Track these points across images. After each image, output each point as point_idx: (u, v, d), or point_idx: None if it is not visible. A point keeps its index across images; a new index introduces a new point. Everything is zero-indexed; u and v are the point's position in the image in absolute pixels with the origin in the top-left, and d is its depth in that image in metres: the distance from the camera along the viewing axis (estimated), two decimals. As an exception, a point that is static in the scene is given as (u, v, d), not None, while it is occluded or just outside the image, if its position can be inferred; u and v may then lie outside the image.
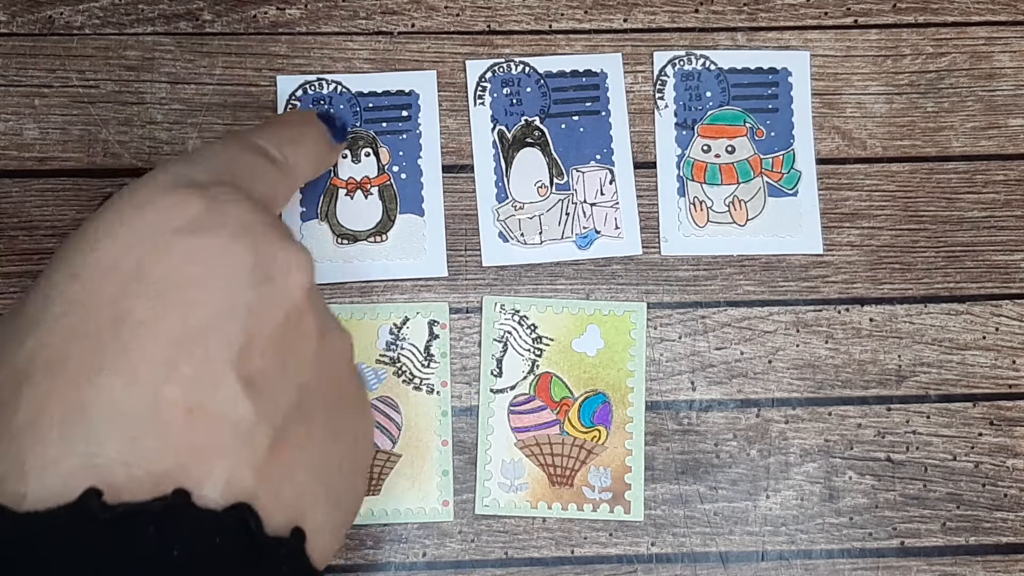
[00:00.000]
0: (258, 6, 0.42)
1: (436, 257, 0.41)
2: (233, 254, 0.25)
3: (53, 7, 0.42)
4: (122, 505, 0.21)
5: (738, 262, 0.42)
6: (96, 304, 0.23)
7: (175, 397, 0.23)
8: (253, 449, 0.24)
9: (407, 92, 0.42)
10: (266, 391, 0.24)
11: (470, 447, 0.41)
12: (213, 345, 0.24)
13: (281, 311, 0.25)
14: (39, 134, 0.42)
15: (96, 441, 0.22)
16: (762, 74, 0.43)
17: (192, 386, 0.23)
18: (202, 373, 0.23)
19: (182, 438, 0.23)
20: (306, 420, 0.26)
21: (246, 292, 0.25)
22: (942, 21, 0.44)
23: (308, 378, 0.26)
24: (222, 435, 0.23)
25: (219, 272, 0.25)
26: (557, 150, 0.42)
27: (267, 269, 0.25)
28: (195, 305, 0.24)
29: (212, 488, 0.22)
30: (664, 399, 0.41)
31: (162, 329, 0.23)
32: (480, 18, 0.43)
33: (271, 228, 0.27)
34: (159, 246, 0.24)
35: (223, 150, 0.30)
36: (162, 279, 0.24)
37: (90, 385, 0.22)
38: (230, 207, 0.26)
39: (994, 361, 0.42)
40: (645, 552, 0.41)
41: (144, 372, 0.23)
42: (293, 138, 0.34)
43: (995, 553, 0.41)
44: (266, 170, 0.31)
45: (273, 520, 0.24)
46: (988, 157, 0.43)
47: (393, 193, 0.42)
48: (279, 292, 0.26)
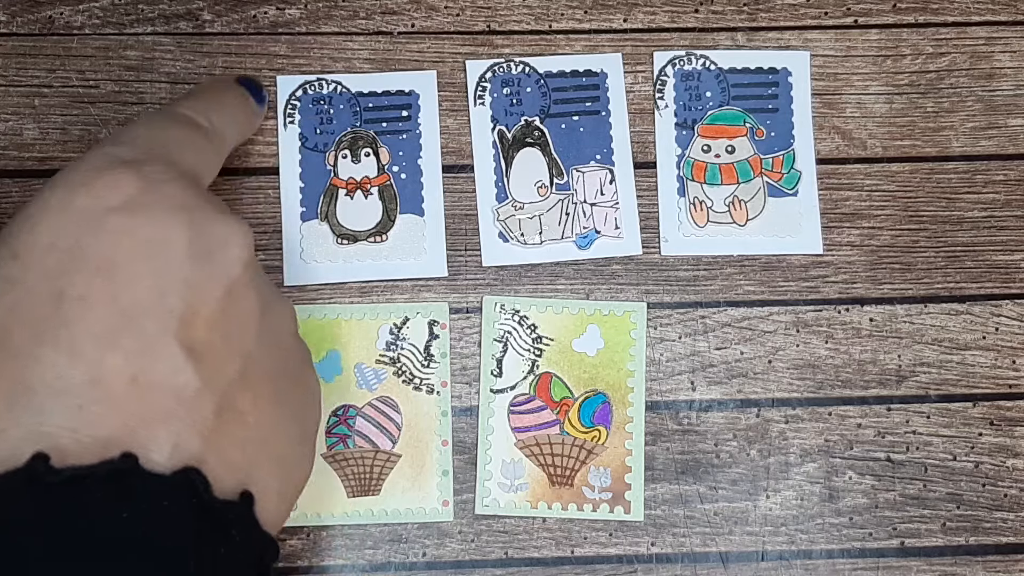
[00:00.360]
0: (258, 6, 0.42)
1: (436, 257, 0.41)
2: (170, 231, 0.25)
3: (53, 7, 0.42)
4: (69, 468, 0.21)
5: (738, 262, 0.42)
6: (36, 281, 0.24)
7: (118, 366, 0.23)
8: (198, 415, 0.24)
9: (407, 92, 0.42)
10: (209, 359, 0.25)
11: (470, 447, 0.41)
12: (154, 317, 0.24)
13: (221, 285, 0.26)
14: (39, 134, 0.42)
15: (41, 411, 0.22)
16: (762, 74, 0.43)
17: (134, 356, 0.23)
18: (144, 344, 0.24)
19: (127, 405, 0.23)
20: (251, 388, 0.26)
21: (185, 266, 0.25)
22: (942, 21, 0.44)
23: (251, 348, 0.27)
24: (167, 401, 0.24)
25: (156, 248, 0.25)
26: (557, 150, 0.42)
27: (205, 244, 0.26)
28: (134, 280, 0.24)
29: (159, 453, 0.23)
30: (664, 399, 0.41)
31: (102, 303, 0.24)
32: (480, 18, 0.43)
33: (206, 203, 0.27)
34: (95, 225, 0.25)
35: (151, 125, 0.31)
36: (100, 256, 0.24)
37: (32, 358, 0.23)
38: (165, 186, 0.26)
39: (994, 361, 0.42)
40: (645, 552, 0.41)
41: (86, 344, 0.23)
42: (217, 104, 0.34)
43: (995, 553, 0.41)
44: (194, 139, 0.31)
45: (221, 484, 0.24)
46: (988, 157, 0.43)
47: (393, 193, 0.42)
48: (218, 266, 0.26)
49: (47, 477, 0.21)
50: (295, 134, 0.42)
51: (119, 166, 0.26)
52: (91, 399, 0.23)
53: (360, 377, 0.41)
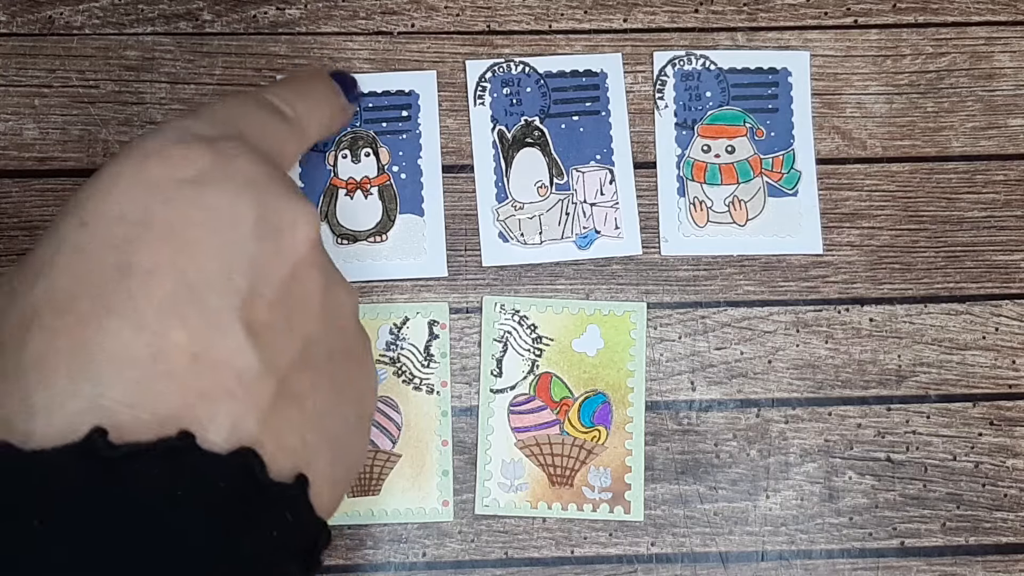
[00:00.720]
0: (258, 6, 0.43)
1: (436, 257, 0.41)
2: (239, 207, 0.25)
3: (53, 7, 0.42)
4: (127, 445, 0.21)
5: (738, 262, 0.42)
6: (104, 251, 0.24)
7: (181, 342, 0.23)
8: (257, 396, 0.24)
9: (407, 92, 0.42)
10: (271, 341, 0.25)
11: (470, 447, 0.41)
12: (218, 294, 0.24)
13: (286, 265, 0.26)
14: (39, 134, 0.42)
15: (102, 382, 0.22)
16: (762, 74, 0.43)
17: (198, 333, 0.23)
18: (207, 321, 0.24)
19: (187, 383, 0.23)
20: (310, 371, 0.26)
21: (251, 244, 0.25)
22: (942, 21, 0.44)
23: (313, 331, 0.27)
24: (227, 381, 0.23)
25: (224, 224, 0.25)
26: (557, 150, 0.42)
27: (273, 223, 0.26)
28: (201, 255, 0.24)
29: (216, 433, 0.23)
30: (664, 399, 0.41)
31: (168, 277, 0.24)
32: (480, 18, 0.43)
33: (277, 182, 0.27)
34: (166, 196, 0.25)
35: (232, 105, 0.30)
36: (168, 228, 0.24)
37: (98, 328, 0.23)
38: (237, 161, 0.26)
39: (994, 361, 0.42)
40: (645, 552, 0.41)
41: (150, 318, 0.23)
42: (304, 94, 0.34)
43: (995, 553, 0.41)
44: (276, 125, 0.31)
45: (277, 466, 0.24)
46: (988, 157, 0.43)
47: (393, 193, 0.42)
48: (285, 246, 0.26)
49: (105, 452, 0.21)
50: (295, 134, 0.41)
51: (193, 139, 0.26)
52: (152, 374, 0.22)
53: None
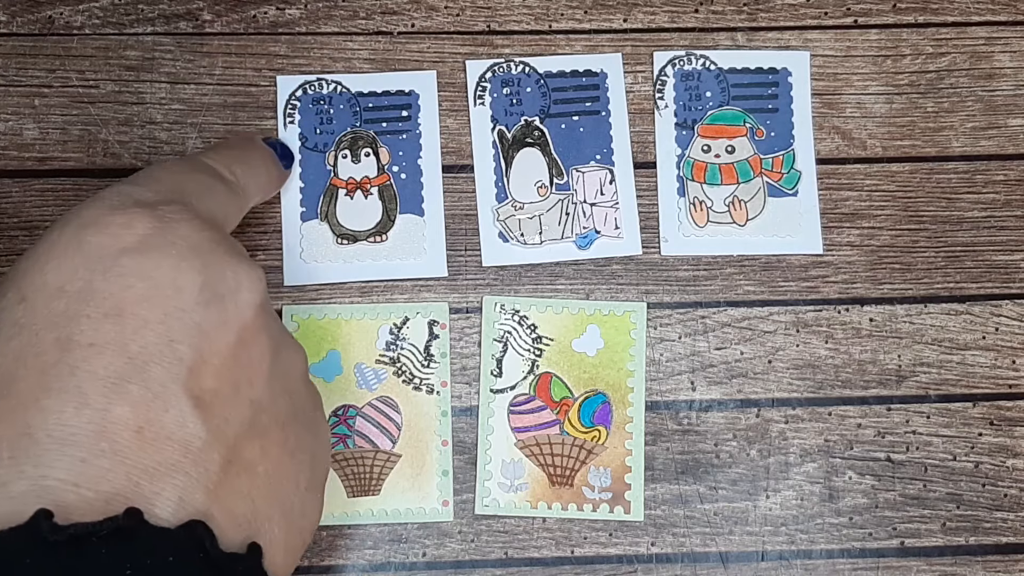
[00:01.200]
0: (258, 6, 0.43)
1: (436, 257, 0.41)
2: (182, 274, 0.25)
3: (53, 7, 0.42)
4: (73, 526, 0.21)
5: (738, 262, 0.42)
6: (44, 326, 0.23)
7: (124, 417, 0.23)
8: (205, 467, 0.23)
9: (407, 92, 0.42)
10: (217, 409, 0.24)
11: (470, 447, 0.41)
12: (162, 365, 0.24)
13: (232, 331, 0.25)
14: (39, 134, 0.42)
15: (45, 463, 0.22)
16: (762, 74, 0.43)
17: (141, 406, 0.23)
18: (151, 393, 0.23)
19: (132, 458, 0.22)
20: (260, 437, 0.26)
21: (195, 312, 0.25)
22: (942, 21, 0.44)
23: (261, 396, 0.26)
24: (172, 454, 0.23)
25: (168, 292, 0.25)
26: (557, 150, 0.42)
27: (216, 288, 0.25)
28: (143, 326, 0.24)
29: (164, 508, 0.22)
30: (664, 399, 0.41)
31: (110, 350, 0.23)
32: (480, 18, 0.43)
33: (220, 246, 0.26)
34: (106, 267, 0.24)
35: (172, 170, 0.30)
36: (110, 300, 0.24)
37: (37, 407, 0.22)
38: (179, 226, 0.26)
39: (994, 361, 0.42)
40: (645, 552, 0.41)
41: (92, 393, 0.23)
42: (242, 159, 0.34)
43: (995, 553, 0.41)
44: (216, 189, 0.31)
45: (228, 537, 0.23)
46: (988, 157, 0.43)
47: (393, 193, 0.42)
48: (230, 312, 0.25)
49: (51, 535, 0.20)
50: (295, 134, 0.42)
51: (134, 205, 0.26)
52: (95, 452, 0.22)
53: (360, 377, 0.41)
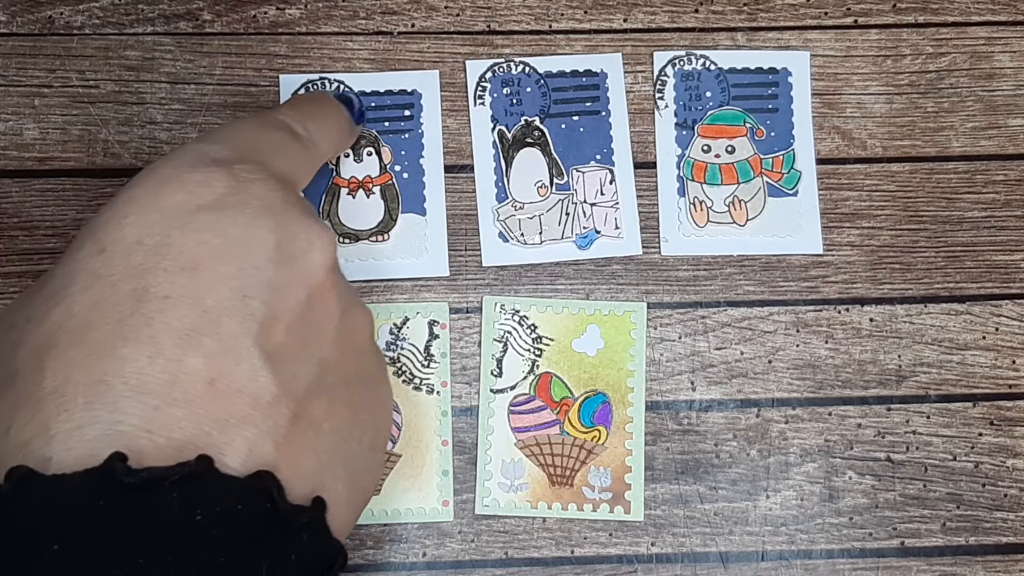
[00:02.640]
0: (258, 6, 0.43)
1: (438, 257, 0.41)
2: (256, 232, 0.25)
3: (53, 7, 0.42)
4: (146, 470, 0.21)
5: (738, 262, 0.42)
6: (121, 278, 0.24)
7: (197, 368, 0.23)
8: (274, 421, 0.24)
9: (409, 91, 0.42)
10: (286, 365, 0.25)
11: (470, 447, 0.41)
12: (235, 319, 0.24)
13: (303, 290, 0.26)
14: (39, 134, 0.42)
15: (120, 409, 0.22)
16: (762, 74, 0.43)
17: (214, 358, 0.23)
18: (224, 346, 0.24)
19: (204, 408, 0.23)
20: (326, 395, 0.26)
21: (268, 269, 0.25)
22: (942, 21, 0.44)
23: (329, 355, 0.27)
24: (243, 406, 0.23)
25: (241, 250, 0.25)
26: (557, 150, 0.42)
27: (290, 248, 0.26)
28: (218, 280, 0.24)
29: (233, 458, 0.23)
30: (664, 399, 0.41)
31: (185, 303, 0.24)
32: (480, 18, 0.43)
33: (294, 207, 0.27)
34: (184, 223, 0.25)
35: (247, 127, 0.31)
36: (186, 255, 0.24)
37: (114, 355, 0.23)
38: (254, 186, 0.26)
39: (994, 361, 0.42)
40: (645, 552, 0.41)
41: (167, 344, 0.23)
42: (315, 115, 0.34)
43: (995, 553, 0.41)
44: (290, 146, 0.31)
45: (293, 489, 0.24)
46: (988, 157, 0.43)
47: (395, 192, 0.42)
48: (301, 271, 0.26)
49: (124, 478, 0.21)
50: (295, 134, 0.41)
51: (211, 163, 0.26)
52: (169, 400, 0.23)
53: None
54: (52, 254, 0.41)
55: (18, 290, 0.41)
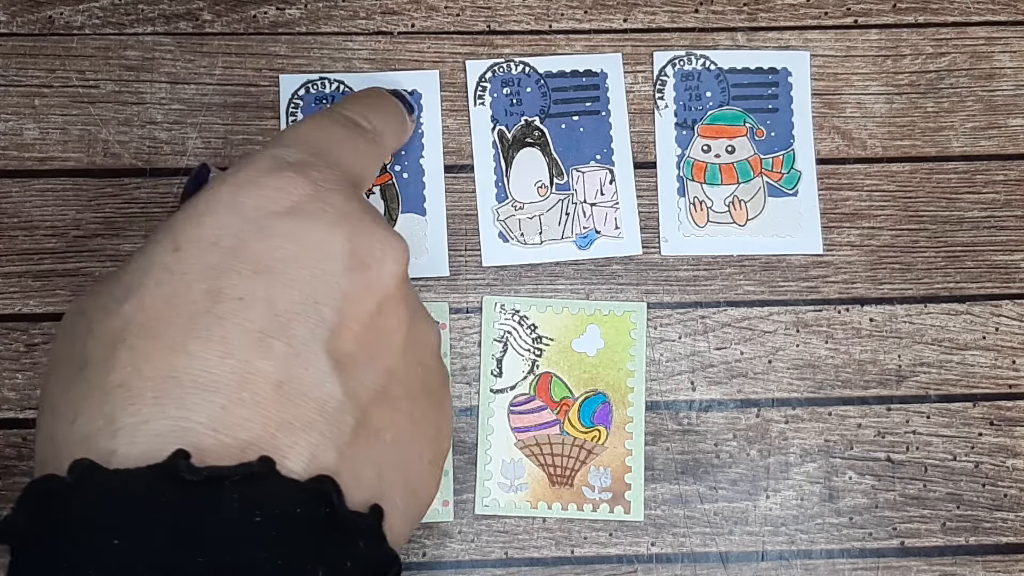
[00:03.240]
0: (258, 6, 0.42)
1: (438, 257, 0.41)
2: (332, 240, 0.26)
3: (53, 7, 0.42)
4: (208, 468, 0.21)
5: (738, 262, 0.42)
6: (195, 276, 0.24)
7: (266, 370, 0.23)
8: (338, 428, 0.24)
9: (409, 91, 0.42)
10: (354, 373, 0.25)
11: (470, 447, 0.41)
12: (306, 325, 0.24)
13: (374, 299, 0.26)
14: (39, 134, 0.42)
15: (187, 406, 0.22)
16: (762, 74, 0.43)
17: (283, 362, 0.24)
18: (294, 350, 0.24)
19: (270, 410, 0.23)
20: (390, 406, 0.26)
21: (342, 277, 0.25)
22: (942, 21, 0.44)
23: (395, 365, 0.27)
24: (309, 411, 0.24)
25: (317, 256, 0.25)
26: (557, 150, 0.42)
27: (363, 257, 0.26)
28: (291, 285, 0.25)
29: (296, 461, 0.23)
30: (664, 399, 0.41)
31: (258, 306, 0.24)
32: (480, 18, 0.43)
33: (368, 216, 0.27)
34: (260, 227, 0.25)
35: (316, 126, 0.31)
36: (261, 258, 0.25)
37: (185, 352, 0.23)
38: (331, 194, 0.27)
39: (994, 361, 0.42)
40: (645, 552, 0.41)
41: (238, 344, 0.23)
42: (377, 107, 0.35)
43: (995, 553, 0.41)
44: (357, 142, 0.32)
45: (352, 497, 0.24)
46: (988, 157, 0.43)
47: (395, 192, 0.42)
48: (373, 280, 0.26)
49: (186, 474, 0.21)
50: (295, 134, 0.42)
51: (287, 168, 0.27)
52: (236, 400, 0.23)
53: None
54: (52, 254, 0.41)
55: (18, 290, 0.41)
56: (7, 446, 0.40)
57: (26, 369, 0.41)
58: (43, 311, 0.41)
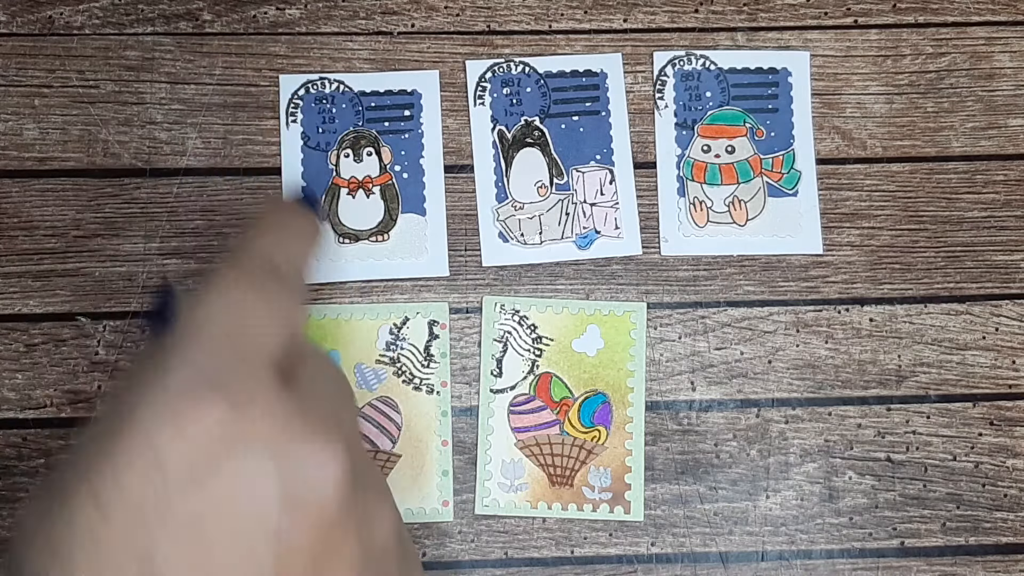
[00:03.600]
0: (258, 6, 0.42)
1: (438, 257, 0.41)
2: (258, 481, 0.25)
3: (53, 7, 0.42)
4: None
5: (738, 262, 0.42)
6: (125, 549, 0.24)
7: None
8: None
9: (409, 92, 0.42)
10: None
11: (470, 447, 0.41)
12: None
13: (314, 529, 0.26)
14: (39, 134, 0.42)
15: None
16: (762, 74, 0.43)
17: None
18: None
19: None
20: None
21: (273, 517, 0.25)
22: (942, 21, 0.44)
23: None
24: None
25: (245, 501, 0.25)
26: (557, 150, 0.42)
27: (295, 490, 0.25)
28: (223, 539, 0.24)
29: None
30: (664, 399, 0.41)
31: (191, 568, 0.24)
32: (480, 18, 0.43)
33: (296, 434, 0.26)
34: (183, 483, 0.24)
35: (238, 298, 0.29)
36: (187, 515, 0.24)
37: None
38: (252, 412, 0.26)
39: (994, 361, 0.42)
40: (645, 552, 0.41)
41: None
42: (293, 236, 0.32)
43: (995, 553, 0.41)
44: (280, 295, 0.30)
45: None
46: (988, 157, 0.43)
47: (395, 192, 0.42)
48: (311, 513, 0.26)
49: None
50: (297, 133, 0.42)
51: (204, 388, 0.25)
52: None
53: (360, 377, 0.41)
54: (52, 254, 0.41)
55: (18, 290, 0.41)
56: (7, 446, 0.40)
57: (26, 369, 0.41)
58: (43, 311, 0.41)
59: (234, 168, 0.41)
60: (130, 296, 0.41)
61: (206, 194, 0.41)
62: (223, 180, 0.41)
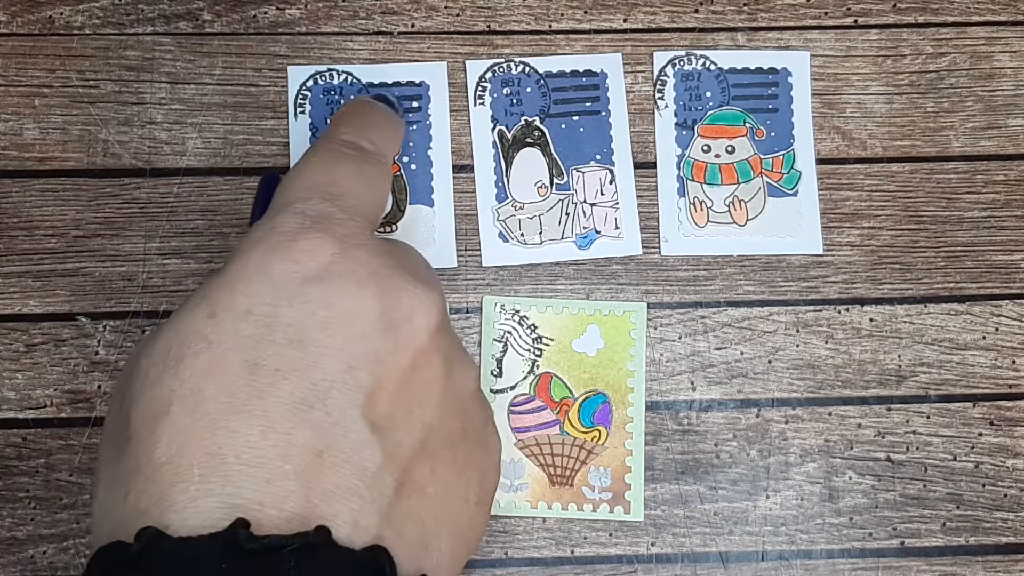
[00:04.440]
0: (258, 6, 0.43)
1: (446, 248, 0.41)
2: (361, 302, 0.26)
3: (53, 7, 0.42)
4: (268, 537, 0.22)
5: (738, 262, 0.42)
6: (232, 347, 0.25)
7: (307, 441, 0.24)
8: (380, 491, 0.24)
9: (417, 83, 0.42)
10: (392, 434, 0.25)
11: (470, 447, 0.41)
12: (343, 392, 0.25)
13: (407, 356, 0.26)
14: (39, 134, 0.42)
15: (233, 483, 0.23)
16: (762, 74, 0.43)
17: (322, 431, 0.24)
18: (332, 419, 0.24)
19: (312, 481, 0.23)
20: (430, 458, 0.27)
21: (373, 339, 0.26)
22: (942, 21, 0.44)
23: (433, 417, 0.27)
24: (350, 478, 0.24)
25: (348, 320, 0.26)
26: (557, 150, 0.42)
27: (393, 315, 0.27)
28: (326, 353, 0.25)
29: (339, 529, 0.23)
30: (664, 399, 0.41)
31: (294, 376, 0.24)
32: (480, 18, 0.43)
33: (397, 271, 0.28)
34: (291, 294, 0.26)
35: (325, 165, 0.31)
36: (294, 327, 0.25)
37: (227, 429, 0.23)
38: (358, 251, 0.27)
39: (994, 361, 0.42)
40: (645, 552, 0.41)
41: (277, 417, 0.24)
42: (372, 124, 0.35)
43: (995, 553, 0.41)
44: (367, 170, 0.32)
45: (397, 555, 0.24)
46: (988, 157, 0.43)
47: (403, 184, 0.42)
48: (405, 337, 0.27)
49: (246, 543, 0.21)
50: (305, 124, 0.42)
51: (312, 228, 0.27)
52: (279, 473, 0.23)
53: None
54: (52, 254, 0.41)
55: (18, 291, 0.41)
56: (7, 446, 0.40)
57: (26, 369, 0.41)
58: (43, 311, 0.41)
59: (234, 168, 0.41)
60: (130, 296, 0.41)
61: (206, 194, 0.41)
62: (223, 180, 0.41)
